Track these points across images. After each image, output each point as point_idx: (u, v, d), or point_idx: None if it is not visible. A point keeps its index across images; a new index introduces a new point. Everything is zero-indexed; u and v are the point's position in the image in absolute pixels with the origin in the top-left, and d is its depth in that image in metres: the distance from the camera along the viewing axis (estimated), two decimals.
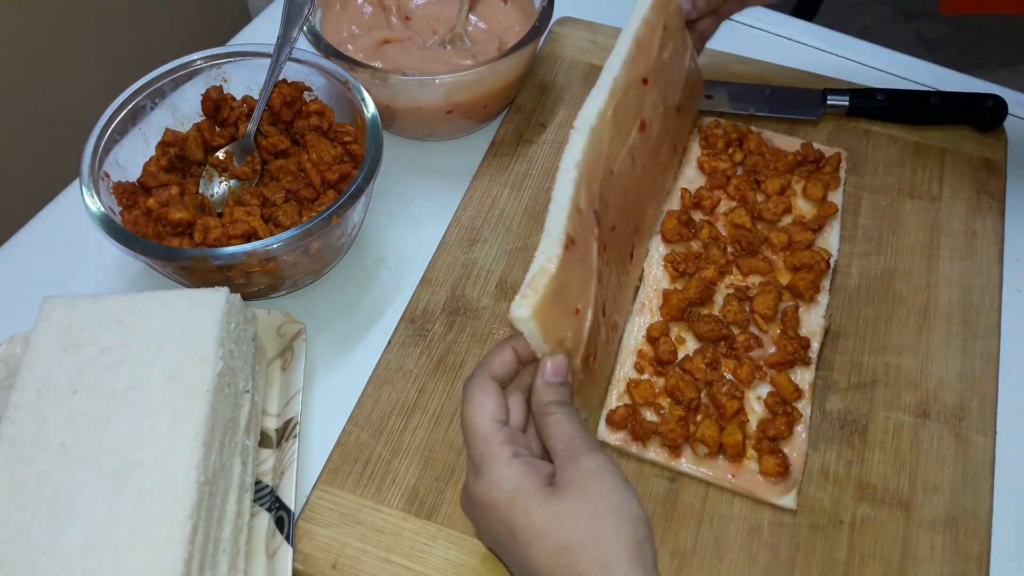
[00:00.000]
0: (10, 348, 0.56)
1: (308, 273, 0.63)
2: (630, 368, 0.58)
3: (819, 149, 0.69)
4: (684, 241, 0.63)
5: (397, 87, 0.67)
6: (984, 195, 0.70)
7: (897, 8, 2.09)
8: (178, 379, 0.49)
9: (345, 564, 0.52)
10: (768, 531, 0.53)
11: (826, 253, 0.62)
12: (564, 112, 0.76)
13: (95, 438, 0.47)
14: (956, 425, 0.57)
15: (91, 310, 0.52)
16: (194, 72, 0.67)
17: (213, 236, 0.58)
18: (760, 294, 0.59)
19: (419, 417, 0.58)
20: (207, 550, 0.47)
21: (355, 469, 0.55)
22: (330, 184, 0.63)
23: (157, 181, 0.62)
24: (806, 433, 0.55)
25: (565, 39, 0.82)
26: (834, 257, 0.62)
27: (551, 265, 0.46)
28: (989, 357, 0.61)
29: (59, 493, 0.45)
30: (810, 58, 0.82)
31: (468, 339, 0.61)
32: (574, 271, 0.48)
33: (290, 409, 0.57)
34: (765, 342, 0.58)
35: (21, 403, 0.48)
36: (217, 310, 0.52)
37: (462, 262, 0.66)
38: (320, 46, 0.67)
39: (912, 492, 0.55)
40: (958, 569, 0.52)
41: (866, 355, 0.61)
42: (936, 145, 0.73)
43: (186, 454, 0.46)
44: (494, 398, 0.45)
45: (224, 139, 0.66)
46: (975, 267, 0.65)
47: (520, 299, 0.45)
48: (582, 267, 0.50)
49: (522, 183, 0.71)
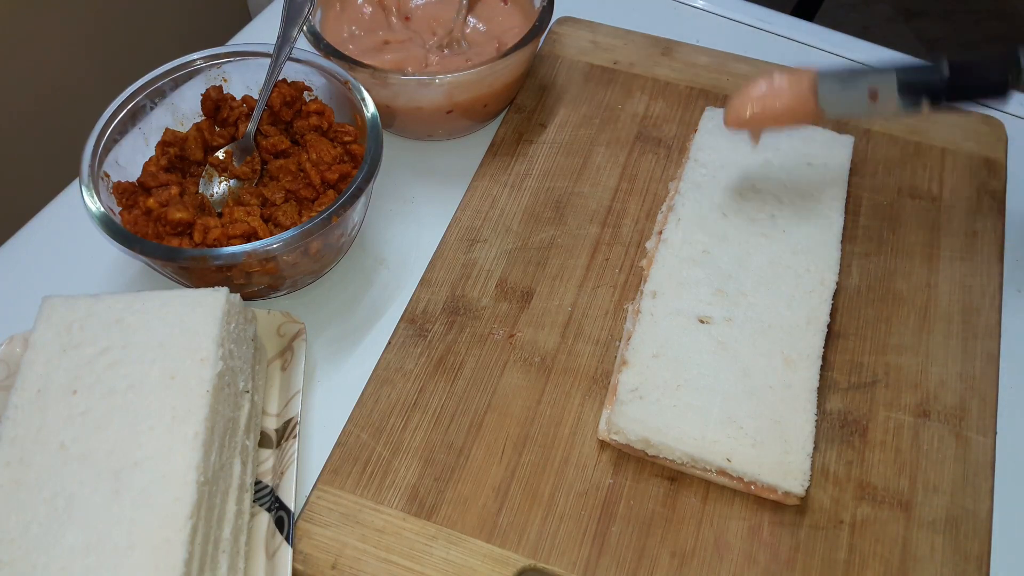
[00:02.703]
0: (10, 348, 0.56)
1: (308, 273, 0.63)
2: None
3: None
4: None
5: (397, 87, 0.67)
6: (984, 195, 0.70)
7: (897, 8, 2.09)
8: (178, 379, 0.49)
9: (345, 564, 0.52)
10: (768, 531, 0.53)
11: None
12: (564, 112, 0.76)
13: (95, 438, 0.47)
14: (956, 425, 0.57)
15: (91, 310, 0.52)
16: (194, 72, 0.67)
17: (213, 236, 0.58)
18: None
19: (419, 417, 0.58)
20: (207, 550, 0.47)
21: (355, 469, 0.55)
22: (330, 184, 0.63)
23: (157, 181, 0.62)
24: (812, 427, 0.55)
25: (565, 39, 0.82)
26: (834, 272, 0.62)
27: None
28: (989, 357, 0.61)
29: (59, 493, 0.45)
30: (810, 58, 0.82)
31: (468, 339, 0.61)
32: None
33: (290, 409, 0.57)
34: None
35: (21, 403, 0.48)
36: (217, 310, 0.52)
37: (462, 262, 0.66)
38: (320, 46, 0.67)
39: (912, 492, 0.55)
40: (958, 569, 0.52)
41: (866, 355, 0.61)
42: (936, 145, 0.73)
43: (186, 454, 0.46)
44: None
45: (224, 139, 0.66)
46: (975, 267, 0.65)
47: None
48: None
49: (522, 183, 0.71)
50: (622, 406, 0.55)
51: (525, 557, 0.52)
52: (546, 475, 0.55)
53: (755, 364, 0.57)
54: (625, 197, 0.70)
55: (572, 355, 0.61)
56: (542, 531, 0.53)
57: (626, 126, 0.75)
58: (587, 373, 0.60)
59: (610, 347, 0.61)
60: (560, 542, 0.52)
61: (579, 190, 0.70)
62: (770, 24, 0.86)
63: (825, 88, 0.58)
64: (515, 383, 0.59)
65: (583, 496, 0.54)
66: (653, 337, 0.58)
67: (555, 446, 0.56)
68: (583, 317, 0.63)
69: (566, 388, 0.59)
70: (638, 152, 0.73)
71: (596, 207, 0.69)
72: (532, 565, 0.52)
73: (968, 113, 0.75)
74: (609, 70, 0.79)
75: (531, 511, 0.54)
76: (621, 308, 0.63)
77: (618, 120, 0.75)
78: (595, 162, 0.72)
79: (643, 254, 0.66)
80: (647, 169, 0.72)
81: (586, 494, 0.54)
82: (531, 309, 0.63)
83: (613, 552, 0.52)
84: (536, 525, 0.53)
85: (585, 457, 0.56)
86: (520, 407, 0.58)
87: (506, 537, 0.53)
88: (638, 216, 0.68)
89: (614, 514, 0.54)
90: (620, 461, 0.56)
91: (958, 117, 0.75)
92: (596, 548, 0.52)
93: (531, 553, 0.52)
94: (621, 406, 0.55)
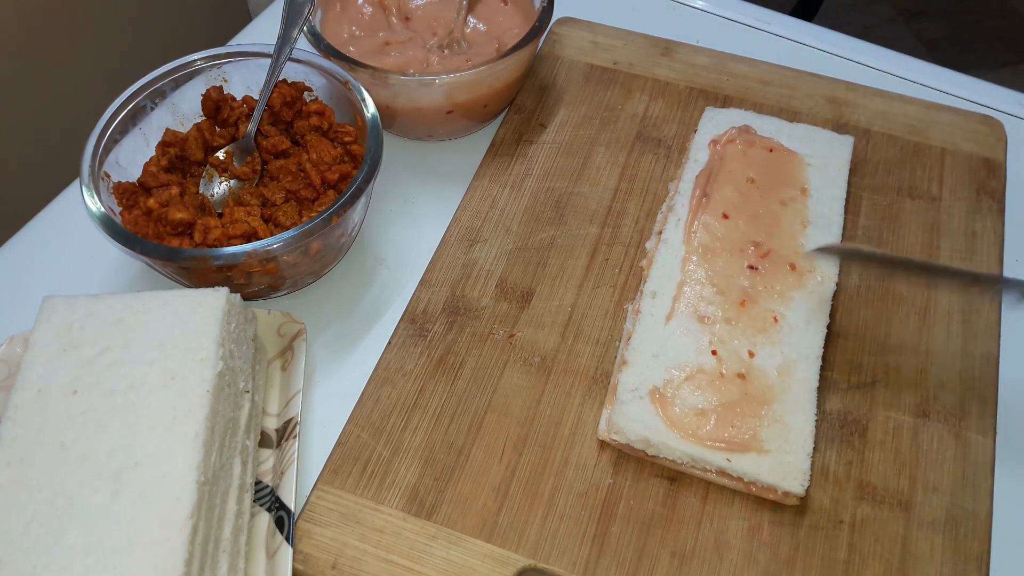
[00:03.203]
0: (10, 348, 0.56)
1: (308, 273, 0.63)
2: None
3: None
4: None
5: (397, 87, 0.67)
6: (984, 195, 0.70)
7: (897, 8, 2.10)
8: (178, 379, 0.49)
9: (345, 564, 0.52)
10: (768, 531, 0.53)
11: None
12: (564, 112, 0.76)
13: (95, 438, 0.47)
14: (956, 425, 0.57)
15: (91, 310, 0.52)
16: (194, 72, 0.67)
17: (213, 236, 0.58)
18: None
19: (419, 417, 0.58)
20: (207, 550, 0.47)
21: (355, 469, 0.55)
22: (330, 184, 0.63)
23: (157, 181, 0.62)
24: (811, 427, 0.55)
25: (565, 39, 0.82)
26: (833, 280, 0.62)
27: None
28: (989, 357, 0.61)
29: (59, 493, 0.45)
30: (810, 58, 0.82)
31: (468, 339, 0.61)
32: None
33: (290, 409, 0.57)
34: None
35: (21, 403, 0.48)
36: (217, 310, 0.52)
37: (462, 262, 0.66)
38: (320, 46, 0.67)
39: (912, 492, 0.55)
40: (958, 569, 0.52)
41: (866, 355, 0.61)
42: (936, 145, 0.73)
43: (186, 454, 0.46)
44: None
45: (224, 139, 0.66)
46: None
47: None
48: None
49: (522, 183, 0.71)
50: (622, 406, 0.55)
51: (525, 557, 0.52)
52: (546, 475, 0.55)
53: (755, 364, 0.57)
54: (625, 197, 0.70)
55: (572, 355, 0.61)
56: (542, 531, 0.53)
57: (626, 126, 0.75)
58: (587, 373, 0.60)
59: (610, 347, 0.61)
60: (560, 542, 0.52)
61: (579, 190, 0.70)
62: (770, 24, 0.86)
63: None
64: (515, 383, 0.59)
65: (583, 496, 0.54)
66: (653, 337, 0.58)
67: (555, 446, 0.56)
68: (583, 317, 0.63)
69: (566, 388, 0.59)
70: (638, 152, 0.73)
71: (596, 207, 0.69)
72: (532, 565, 0.52)
73: (967, 113, 0.75)
74: (609, 70, 0.79)
75: (531, 511, 0.54)
76: (621, 308, 0.63)
77: (618, 120, 0.75)
78: (595, 162, 0.72)
79: (643, 254, 0.66)
80: (647, 169, 0.72)
81: (586, 494, 0.54)
82: (531, 309, 0.63)
83: (613, 552, 0.52)
84: (536, 525, 0.53)
85: (585, 457, 0.56)
86: (520, 407, 0.58)
87: (506, 537, 0.53)
88: (638, 216, 0.68)
89: (614, 514, 0.54)
90: (620, 461, 0.56)
91: (958, 117, 0.75)
92: (596, 548, 0.52)
93: (531, 553, 0.52)
94: (621, 406, 0.55)
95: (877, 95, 0.76)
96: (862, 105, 0.76)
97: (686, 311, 0.59)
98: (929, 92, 0.79)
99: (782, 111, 0.75)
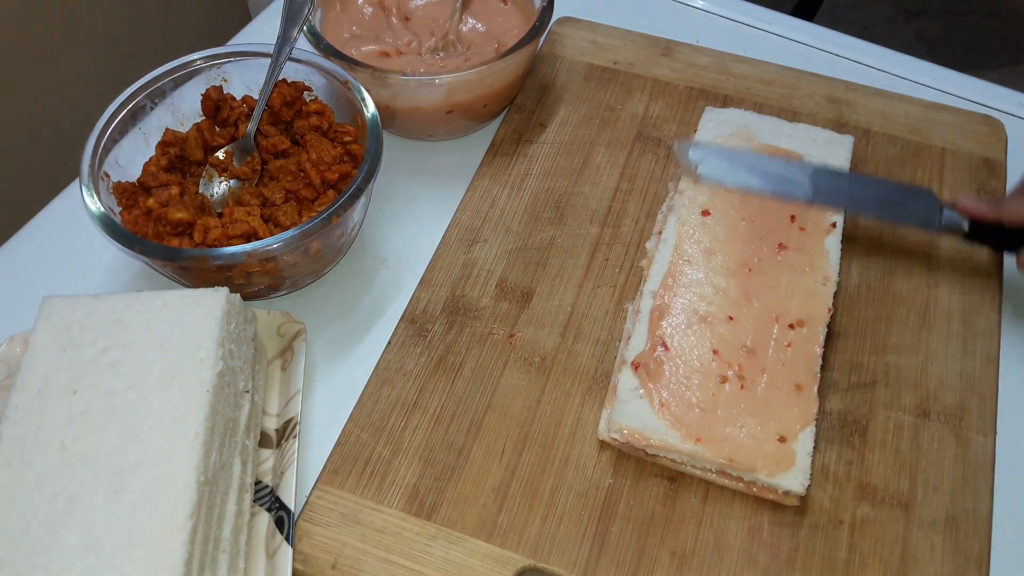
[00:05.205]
0: (10, 348, 0.56)
1: (308, 273, 0.63)
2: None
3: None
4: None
5: (397, 87, 0.67)
6: (984, 195, 0.70)
7: (897, 8, 2.10)
8: (178, 379, 0.49)
9: (345, 564, 0.52)
10: (768, 531, 0.53)
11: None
12: (564, 112, 0.76)
13: (95, 438, 0.47)
14: (956, 425, 0.57)
15: (91, 310, 0.52)
16: (194, 72, 0.67)
17: (213, 236, 0.58)
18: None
19: (419, 417, 0.58)
20: (207, 550, 0.47)
21: (355, 469, 0.55)
22: (330, 184, 0.63)
23: (157, 181, 0.62)
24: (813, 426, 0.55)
25: (565, 39, 0.82)
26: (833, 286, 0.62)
27: None
28: (989, 357, 0.61)
29: (59, 493, 0.45)
30: (810, 58, 0.82)
31: (468, 339, 0.61)
32: None
33: (290, 409, 0.57)
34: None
35: (21, 403, 0.48)
36: (217, 310, 0.52)
37: (462, 262, 0.66)
38: (320, 46, 0.67)
39: (912, 492, 0.55)
40: (958, 569, 0.52)
41: (866, 355, 0.61)
42: (936, 145, 0.73)
43: (186, 454, 0.46)
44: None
45: (224, 139, 0.66)
46: (975, 267, 0.65)
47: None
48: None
49: (522, 183, 0.71)
50: (623, 405, 0.55)
51: (525, 557, 0.52)
52: (546, 475, 0.55)
53: (755, 363, 0.57)
54: (625, 197, 0.70)
55: (572, 355, 0.61)
56: (542, 531, 0.53)
57: (626, 126, 0.75)
58: (587, 373, 0.60)
59: (610, 347, 0.61)
60: (560, 542, 0.52)
61: (579, 190, 0.70)
62: (770, 24, 0.86)
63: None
64: (515, 383, 0.59)
65: (583, 496, 0.54)
66: (653, 336, 0.58)
67: (555, 446, 0.56)
68: (583, 317, 0.63)
69: (566, 388, 0.59)
70: (638, 152, 0.73)
71: (596, 207, 0.69)
72: (532, 565, 0.52)
73: (967, 113, 0.75)
74: (609, 70, 0.79)
75: (531, 511, 0.54)
76: (621, 308, 0.63)
77: (618, 120, 0.75)
78: (595, 162, 0.72)
79: (643, 254, 0.66)
80: (647, 169, 0.72)
81: (586, 494, 0.54)
82: (531, 309, 0.63)
83: (613, 552, 0.52)
84: (536, 525, 0.53)
85: (585, 457, 0.56)
86: (520, 407, 0.58)
87: (506, 537, 0.53)
88: (638, 216, 0.68)
89: (614, 514, 0.54)
90: (620, 461, 0.56)
91: (958, 117, 0.75)
92: (596, 548, 0.52)
93: (531, 553, 0.52)
94: (622, 405, 0.55)
95: (877, 95, 0.76)
96: (862, 105, 0.76)
97: (687, 310, 0.59)
98: (929, 92, 0.79)
99: (782, 111, 0.75)
